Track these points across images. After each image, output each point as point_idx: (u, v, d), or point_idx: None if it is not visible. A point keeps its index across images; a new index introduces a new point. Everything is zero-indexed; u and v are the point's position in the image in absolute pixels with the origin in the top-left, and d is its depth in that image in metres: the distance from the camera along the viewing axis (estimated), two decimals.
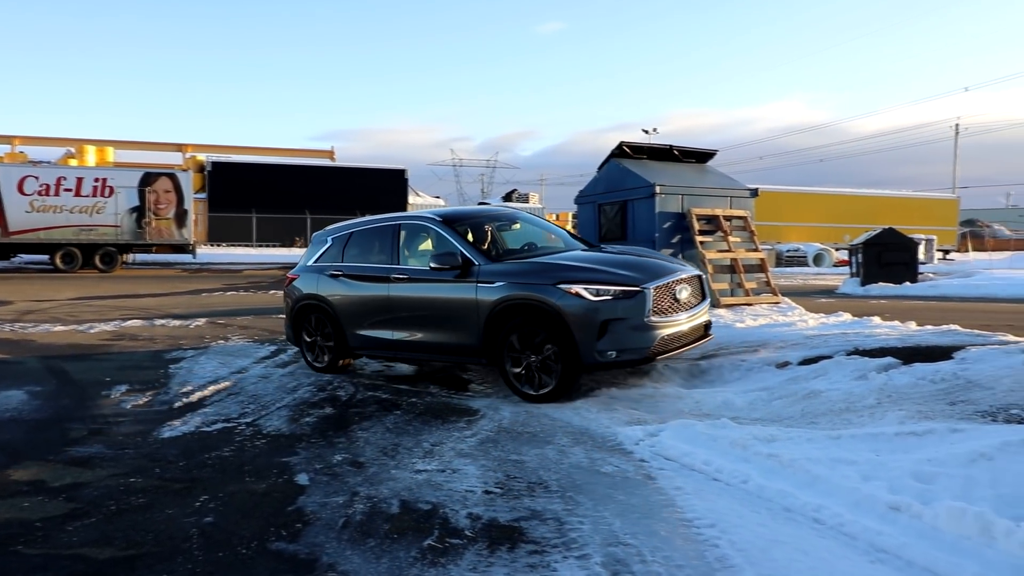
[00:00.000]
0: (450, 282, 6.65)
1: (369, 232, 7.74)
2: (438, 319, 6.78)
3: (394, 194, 43.03)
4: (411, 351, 7.13)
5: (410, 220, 7.50)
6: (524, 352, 6.19)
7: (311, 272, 7.97)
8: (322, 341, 7.76)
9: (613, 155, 11.79)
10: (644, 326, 5.99)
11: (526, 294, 6.15)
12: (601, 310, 5.88)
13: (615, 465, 4.59)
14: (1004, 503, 3.49)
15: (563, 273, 6.13)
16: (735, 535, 3.47)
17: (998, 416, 4.40)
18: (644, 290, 6.01)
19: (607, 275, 6.09)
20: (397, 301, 7.09)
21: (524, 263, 6.52)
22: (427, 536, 3.60)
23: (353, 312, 7.45)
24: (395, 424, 5.74)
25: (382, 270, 7.29)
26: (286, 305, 8.26)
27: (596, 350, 5.86)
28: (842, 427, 4.70)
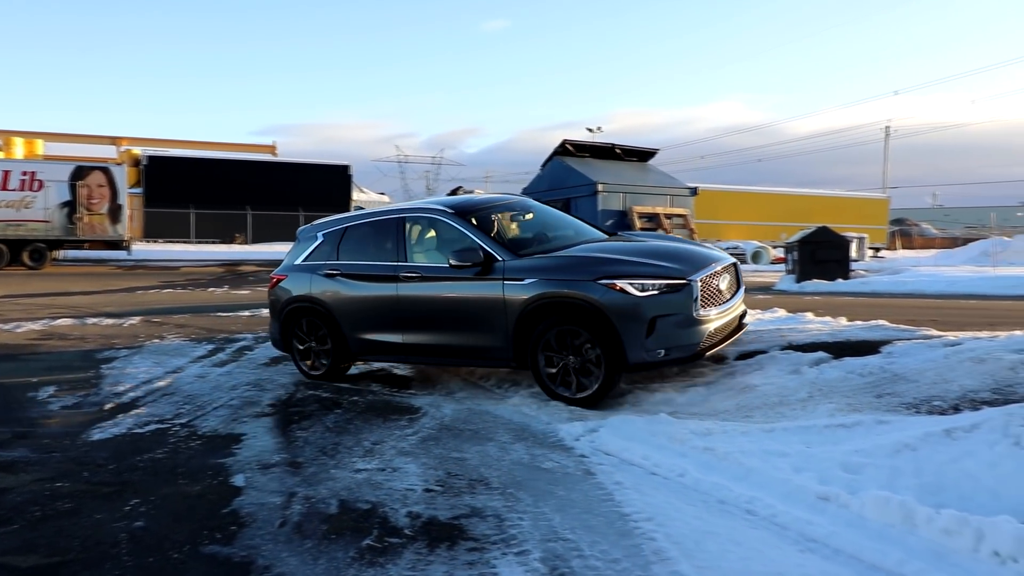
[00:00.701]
0: (471, 280, 6.14)
1: (367, 227, 7.16)
2: (458, 321, 6.29)
3: (338, 190, 42.49)
4: (425, 355, 6.66)
5: (416, 213, 6.93)
6: (561, 353, 5.73)
7: (301, 272, 7.35)
8: (318, 346, 7.18)
9: (556, 153, 11.89)
10: (692, 320, 5.59)
11: (563, 291, 5.68)
12: (648, 306, 5.46)
13: (555, 461, 4.62)
14: (926, 491, 3.63)
15: (603, 267, 5.67)
16: (671, 528, 3.53)
17: (921, 408, 4.58)
18: (691, 282, 5.60)
19: (651, 267, 5.67)
20: (408, 302, 6.56)
21: (556, 258, 6.03)
22: (366, 536, 3.57)
23: (355, 315, 6.90)
24: (335, 423, 5.67)
25: (388, 268, 6.72)
26: (272, 309, 7.62)
27: (644, 349, 5.46)
28: (775, 420, 4.82)
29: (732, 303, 6.10)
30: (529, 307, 5.81)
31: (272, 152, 45.88)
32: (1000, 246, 22.47)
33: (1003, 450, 3.79)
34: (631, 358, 5.48)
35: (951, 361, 5.23)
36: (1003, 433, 3.89)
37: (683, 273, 5.65)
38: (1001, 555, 2.98)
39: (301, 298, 7.24)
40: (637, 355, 5.47)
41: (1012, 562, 2.94)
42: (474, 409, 5.97)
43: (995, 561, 2.98)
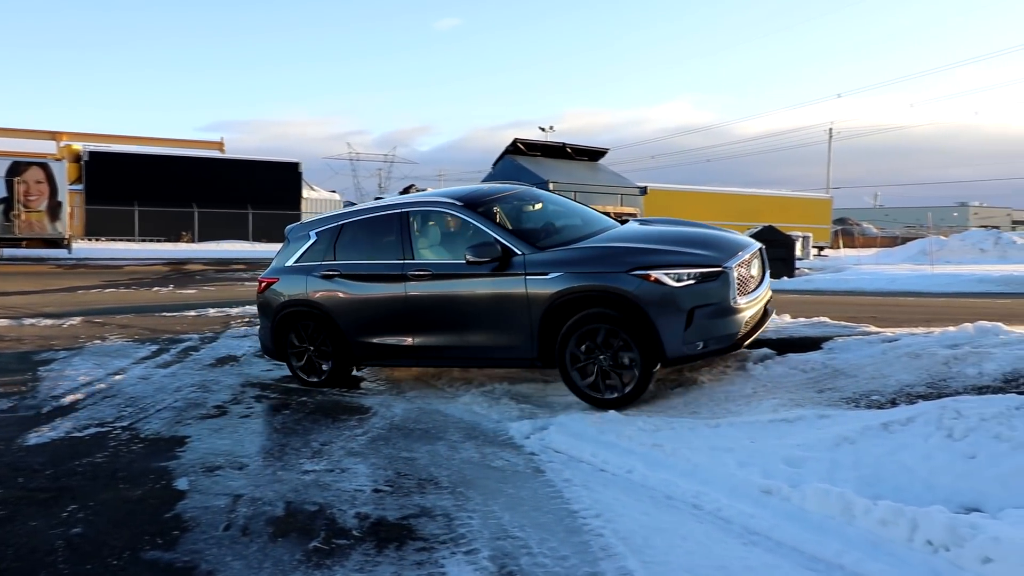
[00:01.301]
0: (488, 276, 5.81)
1: (366, 223, 6.77)
2: (476, 320, 5.95)
3: (288, 188, 41.87)
4: (438, 358, 6.35)
5: (421, 207, 6.54)
6: (591, 351, 5.42)
7: (295, 273, 6.94)
8: (316, 352, 6.79)
9: (508, 151, 11.91)
10: (730, 310, 5.36)
11: (593, 284, 5.39)
12: (686, 296, 5.21)
13: (505, 459, 4.64)
14: (864, 483, 3.73)
15: (636, 258, 5.38)
16: (619, 524, 3.57)
17: (861, 402, 4.71)
18: (727, 270, 5.35)
19: (685, 256, 5.41)
20: (418, 302, 6.20)
21: (581, 249, 5.74)
22: (313, 538, 3.53)
23: (357, 317, 6.54)
24: (283, 424, 5.60)
25: (394, 267, 6.34)
26: (262, 314, 7.20)
27: (684, 342, 5.21)
28: (722, 416, 4.91)
29: (761, 290, 5.89)
30: (555, 303, 5.51)
31: (220, 149, 44.89)
32: (937, 245, 23.23)
33: (937, 442, 3.92)
34: (670, 352, 5.22)
35: (889, 357, 5.39)
36: (937, 426, 4.02)
37: (718, 260, 5.42)
38: (934, 544, 3.07)
39: (296, 301, 6.86)
40: (676, 349, 5.22)
41: (944, 551, 3.04)
42: (424, 408, 5.95)
43: (928, 550, 3.08)
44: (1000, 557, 2.87)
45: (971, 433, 3.89)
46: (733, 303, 5.37)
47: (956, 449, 3.82)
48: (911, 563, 3.03)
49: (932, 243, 23.38)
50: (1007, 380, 4.50)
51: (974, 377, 4.61)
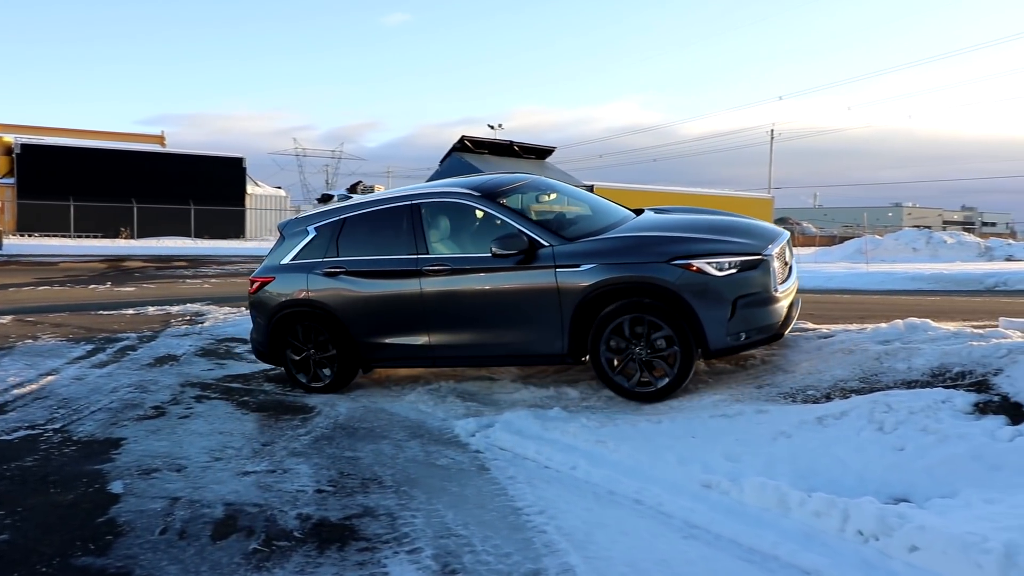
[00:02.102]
0: (513, 270, 5.55)
1: (372, 216, 6.39)
2: (501, 316, 5.69)
3: (231, 184, 41.06)
4: (457, 357, 6.07)
5: (435, 197, 6.21)
6: (627, 343, 5.22)
7: (293, 272, 6.52)
8: (318, 355, 6.38)
9: (455, 149, 11.89)
10: (771, 299, 5.24)
11: (631, 276, 5.17)
12: (730, 286, 5.07)
13: (450, 457, 4.63)
14: (800, 476, 3.84)
15: (675, 247, 5.20)
16: (562, 520, 3.60)
17: (797, 397, 4.84)
18: (767, 257, 5.22)
19: (724, 244, 5.27)
20: (435, 299, 5.88)
21: (614, 239, 5.52)
22: (252, 540, 3.48)
23: (366, 317, 6.16)
24: (224, 425, 5.48)
25: (407, 262, 6.00)
26: (256, 316, 6.77)
27: (728, 333, 5.06)
28: (664, 412, 4.98)
29: (792, 279, 5.76)
30: (589, 296, 5.27)
31: (160, 143, 43.76)
32: (872, 244, 23.94)
33: (868, 435, 4.06)
34: (713, 344, 5.08)
35: (824, 353, 5.54)
36: (868, 419, 4.16)
37: (758, 248, 5.29)
38: (864, 534, 3.18)
39: (296, 301, 6.43)
40: (720, 340, 5.07)
41: (874, 540, 3.14)
42: (369, 407, 5.90)
43: (859, 540, 3.18)
44: (925, 545, 2.98)
45: (900, 426, 4.03)
46: (775, 292, 5.27)
47: (886, 442, 3.96)
48: (843, 553, 3.12)
49: (868, 242, 24.08)
50: (934, 374, 4.67)
51: (904, 372, 4.78)
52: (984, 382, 4.39)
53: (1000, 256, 21.49)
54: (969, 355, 4.75)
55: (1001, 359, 4.57)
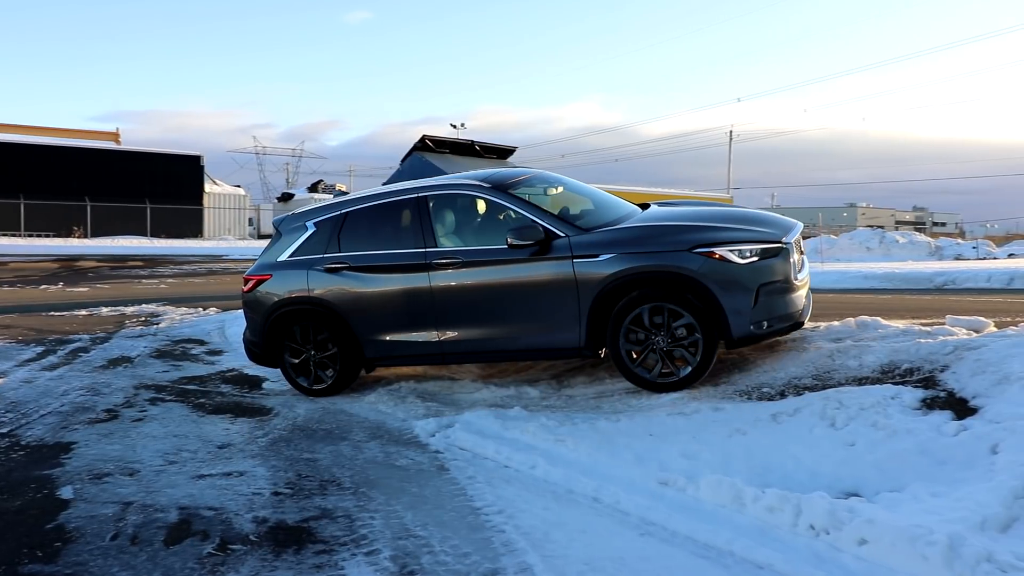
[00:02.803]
0: (528, 261, 5.43)
1: (376, 210, 6.20)
2: (514, 309, 5.55)
3: (188, 182, 40.44)
4: (468, 353, 5.90)
5: (442, 190, 6.08)
6: (647, 334, 5.16)
7: (292, 268, 6.31)
8: (319, 356, 6.18)
9: (416, 148, 11.85)
10: (791, 287, 5.25)
11: (652, 265, 5.10)
12: (753, 274, 5.04)
13: (410, 458, 4.61)
14: (755, 473, 3.90)
15: (696, 235, 5.15)
16: (521, 520, 3.61)
17: (753, 394, 4.91)
18: (787, 246, 5.24)
19: (744, 232, 5.24)
20: (445, 293, 5.73)
21: (633, 229, 5.42)
22: (207, 544, 3.43)
23: (372, 314, 5.98)
24: (179, 427, 5.39)
25: (415, 256, 5.84)
26: (252, 316, 6.50)
27: (751, 321, 5.01)
28: (622, 411, 5.03)
29: (806, 270, 5.76)
30: (608, 286, 5.18)
31: (115, 140, 42.85)
32: (828, 244, 24.41)
33: (821, 432, 4.14)
34: (736, 332, 5.03)
35: (779, 350, 5.63)
36: (821, 416, 4.24)
37: (778, 236, 5.29)
38: (816, 528, 3.24)
39: (296, 299, 6.22)
40: (743, 329, 5.02)
41: (825, 534, 3.20)
42: (328, 408, 5.85)
43: (811, 534, 3.24)
44: (874, 538, 3.05)
45: (851, 422, 4.12)
46: (795, 280, 5.29)
47: (838, 438, 4.05)
48: (795, 547, 3.18)
49: (823, 242, 24.57)
50: (884, 371, 4.78)
51: (855, 369, 4.88)
52: (931, 378, 4.51)
53: (949, 255, 22.09)
54: (917, 352, 4.88)
55: (948, 356, 4.70)
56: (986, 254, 22.35)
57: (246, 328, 6.71)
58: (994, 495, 3.20)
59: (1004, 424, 3.74)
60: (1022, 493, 3.23)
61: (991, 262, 16.74)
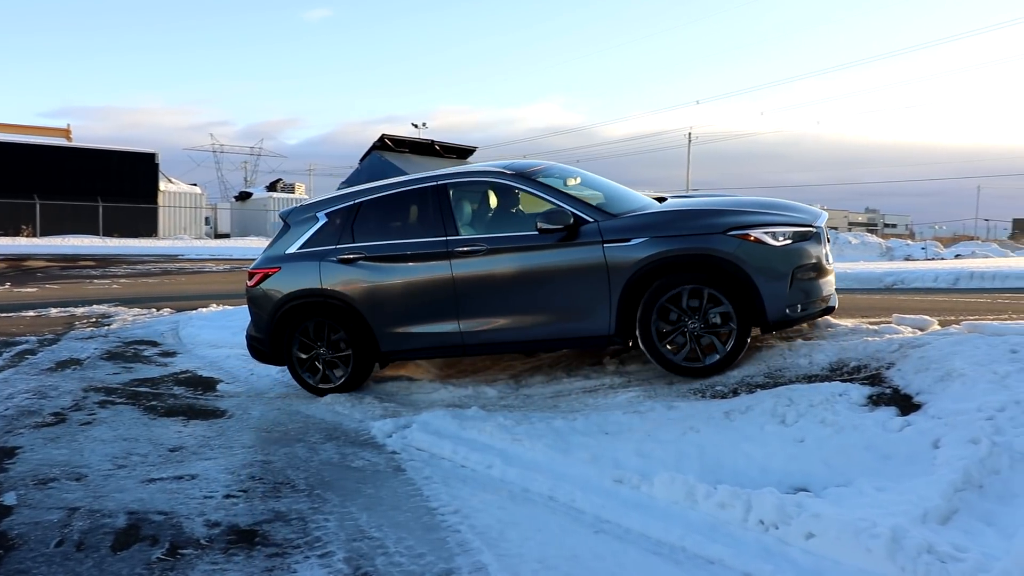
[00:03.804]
0: (556, 247, 5.31)
1: (393, 199, 6.03)
2: (541, 297, 5.41)
3: (143, 180, 39.57)
4: (494, 343, 5.68)
5: (464, 177, 5.98)
6: (680, 318, 5.07)
7: (303, 260, 6.11)
8: (331, 353, 6.02)
9: (375, 147, 11.78)
10: (824, 271, 5.26)
11: (687, 248, 5.01)
12: (788, 256, 5.01)
13: (366, 459, 4.59)
14: (707, 470, 3.96)
15: (729, 218, 5.08)
16: (476, 519, 3.61)
17: (706, 393, 4.98)
18: (819, 230, 5.24)
19: (776, 216, 5.21)
20: (468, 282, 5.56)
21: (663, 214, 5.35)
22: (156, 549, 3.37)
23: (389, 305, 5.81)
24: (130, 431, 5.29)
25: (436, 244, 5.68)
26: (258, 311, 6.30)
27: (787, 304, 4.97)
28: (579, 410, 5.06)
29: (831, 257, 5.72)
30: (641, 270, 5.08)
31: (66, 136, 41.73)
32: None
33: (771, 429, 4.22)
34: (771, 315, 4.97)
35: None
36: (772, 414, 4.33)
37: (810, 220, 5.28)
38: (765, 523, 3.30)
39: (306, 293, 6.01)
40: (778, 312, 4.97)
41: (774, 528, 3.27)
42: (284, 409, 5.79)
43: (760, 529, 3.30)
44: (820, 532, 3.12)
45: (801, 419, 4.21)
46: (826, 264, 5.29)
47: (788, 434, 4.13)
48: (745, 542, 3.24)
49: None
50: (833, 369, 4.88)
51: (806, 367, 4.98)
52: (878, 375, 4.63)
53: (899, 256, 22.62)
54: (865, 350, 5.00)
55: (893, 353, 4.83)
56: (934, 255, 22.94)
57: (249, 325, 6.52)
58: (935, 488, 3.30)
59: (945, 420, 3.85)
60: (961, 486, 3.34)
61: (938, 263, 17.19)
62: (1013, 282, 10.61)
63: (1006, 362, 4.33)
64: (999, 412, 3.80)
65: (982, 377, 4.18)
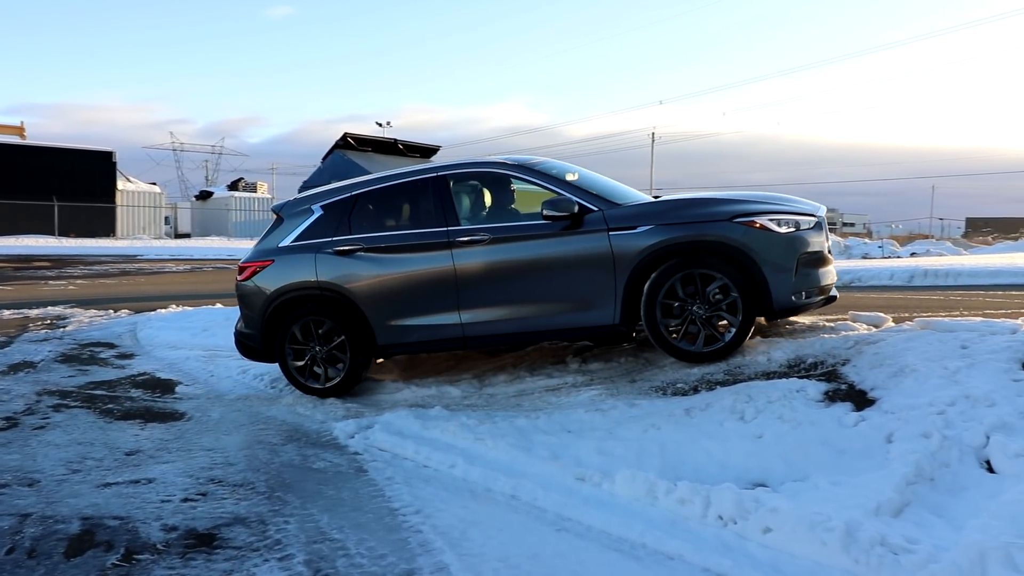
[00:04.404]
0: (559, 236, 5.28)
1: (391, 191, 6.00)
2: (546, 286, 5.36)
3: (100, 178, 38.77)
4: (496, 335, 5.60)
5: (465, 169, 5.93)
6: (688, 304, 5.08)
7: (297, 253, 5.96)
8: (326, 349, 5.87)
9: (338, 146, 11.69)
10: (826, 259, 5.34)
11: (693, 235, 5.02)
12: (794, 244, 5.06)
13: (328, 460, 4.55)
14: (668, 466, 4.00)
15: (734, 206, 5.11)
16: (438, 519, 3.61)
17: (667, 390, 5.03)
18: (820, 219, 5.33)
19: (778, 204, 5.26)
20: (469, 272, 5.49)
21: (668, 202, 5.40)
22: (111, 555, 3.30)
23: (387, 297, 5.69)
24: (84, 434, 5.18)
25: (436, 235, 5.60)
26: (249, 306, 6.16)
27: (792, 292, 5.02)
28: (542, 408, 5.08)
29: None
30: (647, 259, 5.08)
31: (20, 134, 40.72)
32: None
33: (731, 425, 4.28)
34: (778, 303, 5.01)
35: None
36: (731, 410, 4.39)
37: (812, 209, 5.35)
38: (724, 518, 3.35)
39: (302, 285, 5.88)
40: (784, 299, 5.01)
41: (732, 523, 3.31)
42: (244, 411, 5.72)
43: (719, 524, 3.35)
44: (777, 526, 3.17)
45: (759, 415, 4.28)
46: (827, 253, 5.38)
47: (746, 431, 4.19)
48: (704, 537, 3.28)
49: None
50: (791, 365, 4.97)
51: (764, 364, 5.05)
52: (834, 372, 4.71)
53: (857, 254, 23.08)
54: (821, 347, 5.09)
55: (849, 350, 4.92)
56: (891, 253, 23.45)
57: (238, 321, 6.37)
58: (888, 482, 3.38)
59: (898, 414, 3.94)
60: (913, 479, 3.42)
61: (895, 261, 17.58)
62: (965, 279, 10.89)
63: (956, 358, 4.44)
64: (949, 407, 3.90)
65: (933, 372, 4.29)
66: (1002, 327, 4.93)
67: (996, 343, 4.58)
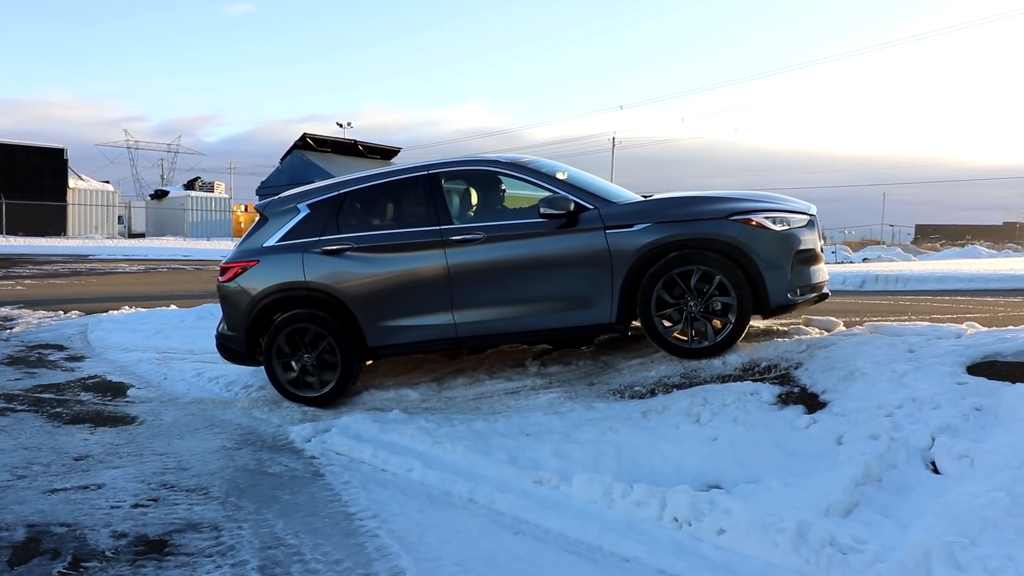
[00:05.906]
0: (555, 234, 5.22)
1: (380, 189, 5.88)
2: (541, 285, 5.29)
3: (51, 176, 37.85)
4: (489, 335, 5.51)
5: (457, 166, 5.81)
6: (679, 303, 5.06)
7: (284, 252, 5.79)
8: (313, 354, 5.66)
9: (296, 146, 11.58)
10: (819, 257, 5.40)
11: (690, 232, 5.02)
12: (788, 241, 5.07)
13: (284, 464, 4.50)
14: (625, 469, 4.03)
15: (729, 204, 5.12)
16: (395, 523, 3.59)
17: (625, 393, 5.08)
18: (813, 217, 5.36)
19: (772, 202, 5.28)
20: (462, 271, 5.38)
21: (663, 200, 5.36)
22: (58, 563, 3.22)
23: (378, 297, 5.55)
24: (31, 439, 5.04)
25: (429, 233, 5.49)
26: (231, 308, 5.96)
27: (788, 289, 5.02)
28: (500, 411, 5.08)
29: None
30: (644, 256, 5.05)
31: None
32: None
33: (687, 428, 4.33)
34: (774, 300, 5.01)
35: (650, 351, 5.82)
36: (687, 413, 4.44)
37: (805, 208, 5.41)
38: (679, 520, 3.39)
39: (290, 286, 5.71)
40: (780, 296, 5.01)
41: (687, 525, 3.36)
42: (199, 415, 5.63)
43: (674, 526, 3.39)
44: (731, 528, 3.23)
45: (715, 418, 4.34)
46: (820, 251, 5.44)
47: (702, 433, 4.25)
48: (659, 539, 3.32)
49: None
50: (746, 369, 5.04)
51: (720, 367, 5.12)
52: (787, 375, 4.80)
53: None
54: (775, 351, 5.18)
55: (801, 354, 5.02)
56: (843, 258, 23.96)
57: (220, 323, 6.18)
58: (837, 483, 3.45)
59: (848, 417, 4.03)
60: (862, 480, 3.50)
61: (847, 266, 17.97)
62: (914, 285, 11.19)
63: (904, 361, 4.56)
64: (897, 409, 4.00)
65: (882, 376, 4.40)
66: (948, 331, 5.08)
67: (942, 347, 4.71)
